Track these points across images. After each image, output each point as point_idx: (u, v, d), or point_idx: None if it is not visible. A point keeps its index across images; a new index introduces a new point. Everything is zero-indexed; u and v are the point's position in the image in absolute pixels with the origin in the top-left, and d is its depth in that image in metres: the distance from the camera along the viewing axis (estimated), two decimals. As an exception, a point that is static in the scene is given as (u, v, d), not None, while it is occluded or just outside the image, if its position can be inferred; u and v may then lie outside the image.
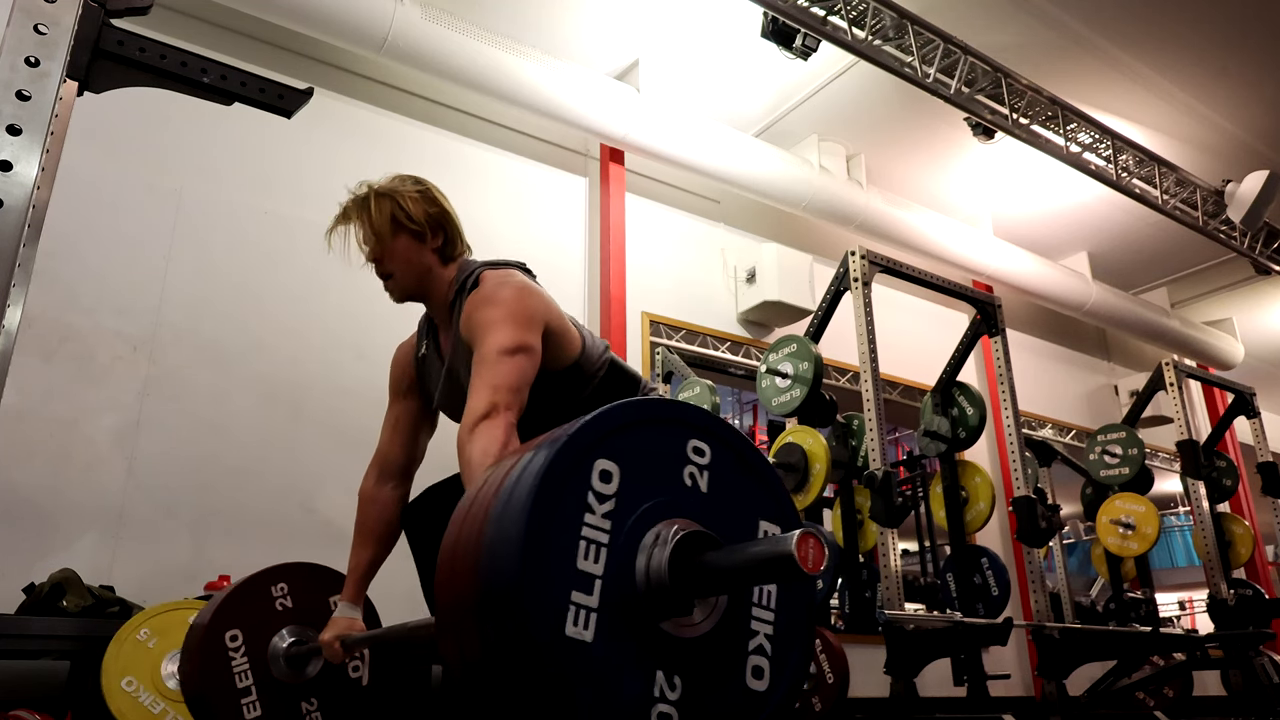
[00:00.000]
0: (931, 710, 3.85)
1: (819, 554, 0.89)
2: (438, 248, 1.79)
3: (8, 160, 1.42)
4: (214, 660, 1.76)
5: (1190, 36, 4.43)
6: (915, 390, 5.68)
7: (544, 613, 0.87)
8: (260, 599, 1.86)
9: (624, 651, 0.92)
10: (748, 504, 1.08)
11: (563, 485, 0.92)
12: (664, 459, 1.01)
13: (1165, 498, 11.05)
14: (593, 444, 0.95)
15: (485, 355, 1.56)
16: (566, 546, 0.91)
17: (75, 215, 3.24)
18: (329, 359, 3.69)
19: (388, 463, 1.98)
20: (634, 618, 0.94)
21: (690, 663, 0.96)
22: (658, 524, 0.97)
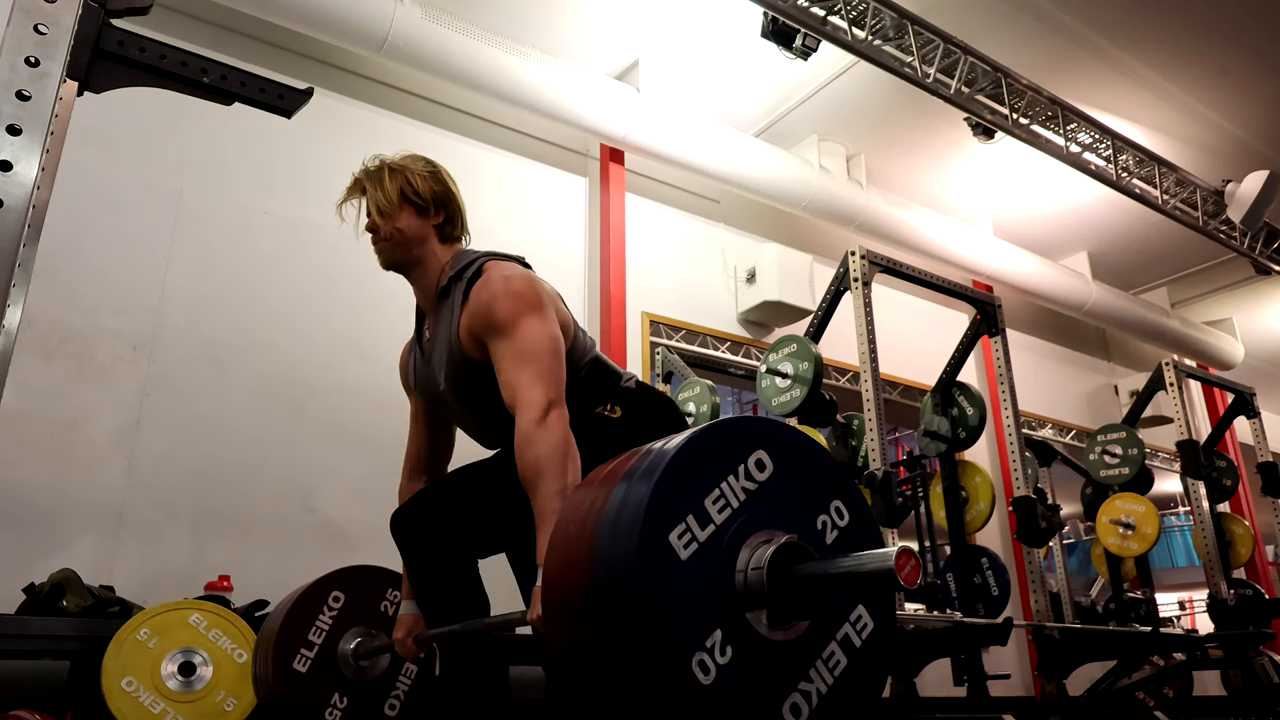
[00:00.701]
0: (931, 710, 3.86)
1: (915, 569, 0.92)
2: (438, 224, 1.83)
3: (8, 160, 1.42)
4: (289, 670, 1.86)
5: (1190, 37, 4.43)
6: (915, 390, 5.68)
7: (656, 592, 0.91)
8: (319, 607, 1.94)
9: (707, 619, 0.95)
10: (816, 496, 1.11)
11: (676, 492, 0.96)
12: (731, 474, 1.04)
13: (1165, 498, 11.05)
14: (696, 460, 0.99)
15: (528, 346, 1.61)
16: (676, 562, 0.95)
17: (75, 215, 3.24)
18: (330, 359, 3.69)
19: (417, 459, 2.02)
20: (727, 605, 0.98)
21: (747, 647, 0.97)
22: (758, 532, 1.01)
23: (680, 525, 0.95)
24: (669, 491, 0.95)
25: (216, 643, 2.34)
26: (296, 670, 1.87)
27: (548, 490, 1.47)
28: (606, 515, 0.97)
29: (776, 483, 1.04)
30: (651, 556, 0.92)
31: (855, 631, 1.08)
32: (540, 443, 1.50)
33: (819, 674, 1.02)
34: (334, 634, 1.94)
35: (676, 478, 0.96)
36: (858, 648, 1.07)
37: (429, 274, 1.83)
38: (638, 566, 0.90)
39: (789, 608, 0.99)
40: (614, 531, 0.94)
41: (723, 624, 0.95)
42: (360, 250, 4.24)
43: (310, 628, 1.91)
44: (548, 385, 1.57)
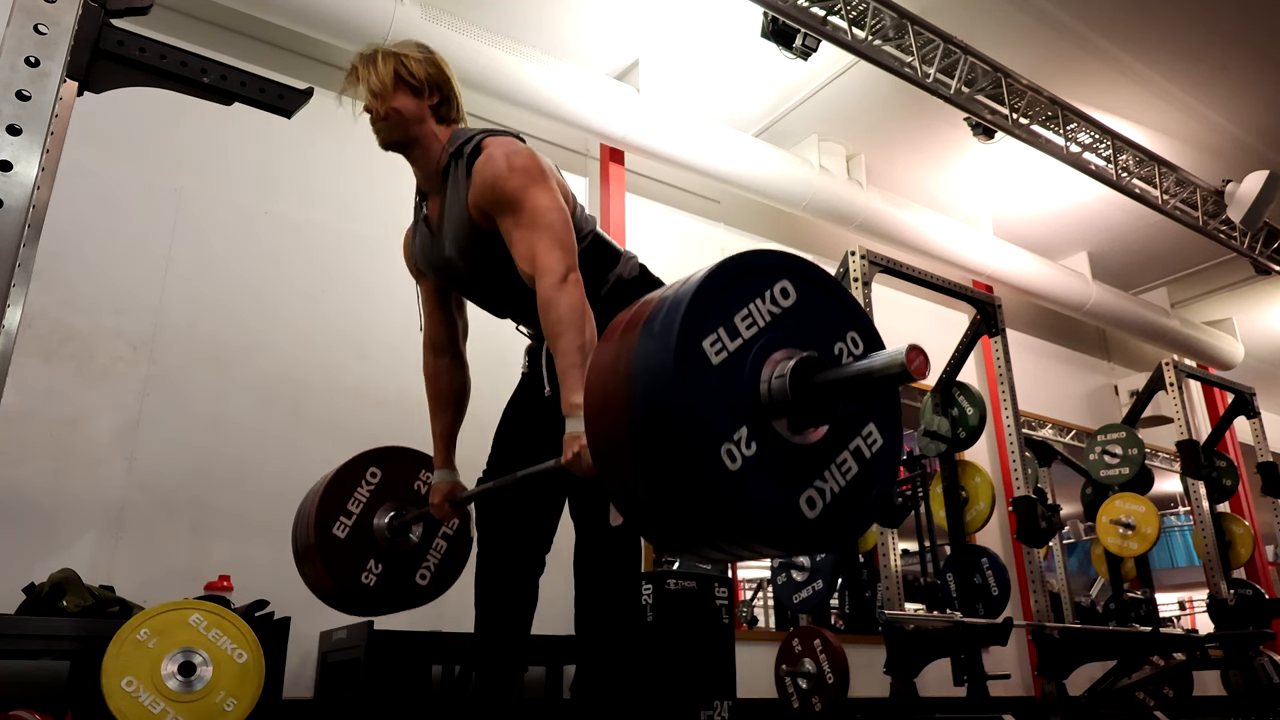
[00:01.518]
0: (931, 710, 3.86)
1: (924, 363, 1.01)
2: (434, 105, 1.89)
3: (8, 160, 1.42)
4: (329, 534, 2.02)
5: (1190, 36, 4.43)
6: (915, 390, 5.68)
7: (688, 389, 1.01)
8: (358, 480, 2.09)
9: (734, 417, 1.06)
10: (834, 325, 1.22)
11: (709, 304, 1.07)
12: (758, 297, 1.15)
13: (1165, 498, 11.05)
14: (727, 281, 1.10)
15: (541, 216, 1.71)
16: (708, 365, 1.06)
17: (75, 215, 3.24)
18: (330, 359, 3.69)
19: (435, 339, 2.11)
20: (752, 407, 1.09)
21: (770, 446, 1.07)
22: (781, 350, 1.12)
23: (712, 335, 1.06)
24: (703, 303, 1.06)
25: (216, 643, 2.34)
26: (336, 535, 2.02)
27: (569, 346, 1.60)
28: (641, 337, 1.08)
29: (799, 310, 1.15)
30: (686, 358, 1.02)
31: (866, 445, 1.19)
32: (561, 304, 1.62)
33: (832, 476, 1.14)
34: (370, 506, 2.08)
35: (709, 293, 1.07)
36: (868, 459, 1.19)
37: (429, 154, 1.89)
38: (674, 367, 1.01)
39: (808, 414, 1.09)
40: (650, 344, 1.05)
41: (748, 423, 1.06)
42: (360, 250, 4.26)
43: (349, 498, 2.06)
44: (564, 251, 1.68)
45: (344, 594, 2.02)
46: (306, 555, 2.06)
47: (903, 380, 1.04)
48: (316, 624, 3.26)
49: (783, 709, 3.57)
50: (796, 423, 1.10)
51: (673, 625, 3.13)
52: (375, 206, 4.02)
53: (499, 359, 2.49)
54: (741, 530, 1.03)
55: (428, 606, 2.12)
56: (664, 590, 3.13)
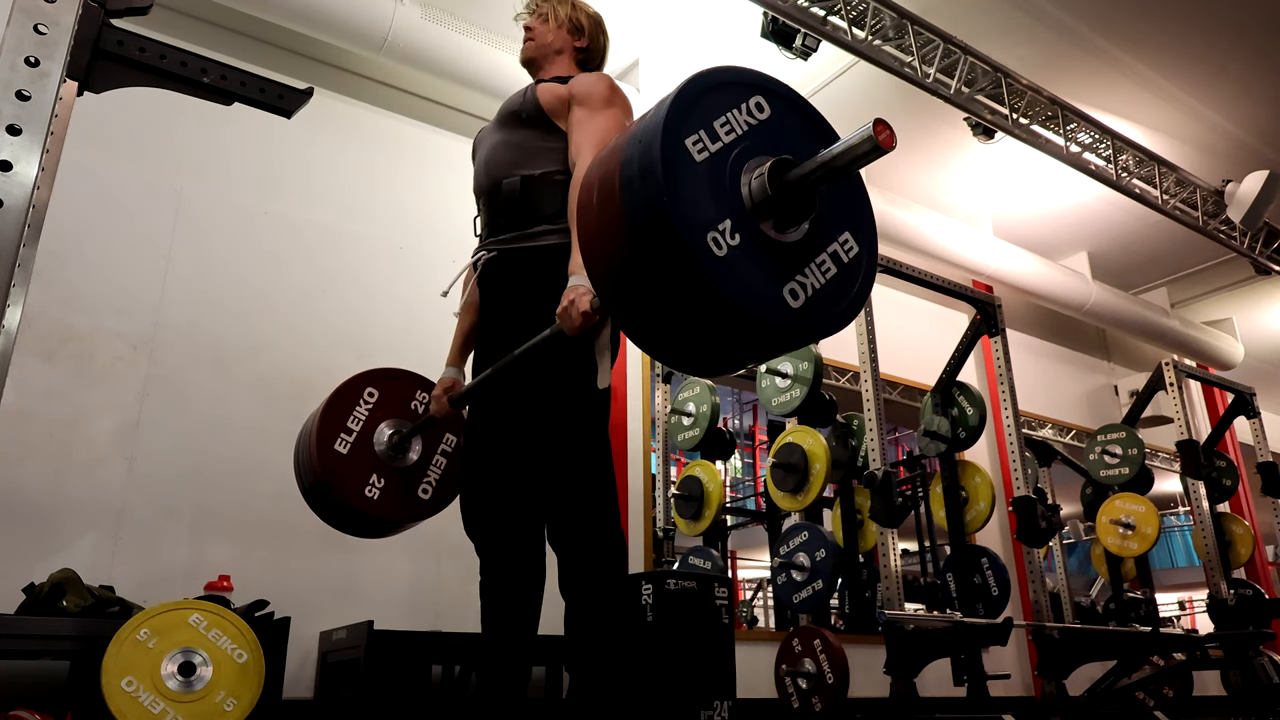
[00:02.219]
0: (931, 710, 3.86)
1: (890, 135, 1.05)
2: (580, 47, 2.22)
3: (8, 160, 1.42)
4: (331, 451, 2.08)
5: (1190, 36, 4.43)
6: (915, 390, 5.68)
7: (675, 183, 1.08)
8: (356, 399, 2.15)
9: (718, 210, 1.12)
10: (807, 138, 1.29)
11: (690, 108, 1.14)
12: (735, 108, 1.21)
13: (1165, 498, 11.05)
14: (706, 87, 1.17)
15: (601, 131, 1.90)
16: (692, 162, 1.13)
17: (75, 215, 3.24)
18: (330, 359, 3.68)
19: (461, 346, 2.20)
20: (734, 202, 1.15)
21: (753, 239, 1.13)
22: (756, 157, 1.18)
23: (694, 135, 1.12)
24: (684, 106, 1.13)
25: (216, 643, 2.34)
26: (338, 451, 2.08)
27: None
28: (629, 137, 1.16)
29: (773, 123, 1.23)
30: (670, 152, 1.09)
31: (843, 250, 1.27)
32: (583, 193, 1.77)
33: (813, 273, 1.21)
34: (370, 423, 2.14)
35: (690, 96, 1.14)
36: (845, 263, 1.26)
37: (550, 77, 2.12)
38: (660, 160, 1.07)
39: (788, 212, 1.16)
40: (638, 143, 1.12)
41: (731, 217, 1.12)
42: (360, 250, 4.25)
43: (349, 416, 2.12)
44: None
45: (350, 511, 2.07)
46: (311, 474, 2.11)
47: (874, 155, 1.08)
48: (316, 624, 3.26)
49: (783, 709, 3.57)
50: (778, 222, 1.16)
51: (673, 625, 3.13)
52: (375, 206, 4.03)
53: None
54: (730, 314, 1.08)
55: (427, 607, 2.13)
56: (664, 590, 3.13)
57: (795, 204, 1.16)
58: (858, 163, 1.11)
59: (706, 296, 1.07)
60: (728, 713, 3.14)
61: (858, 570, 4.74)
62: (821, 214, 1.22)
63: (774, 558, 4.01)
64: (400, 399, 2.20)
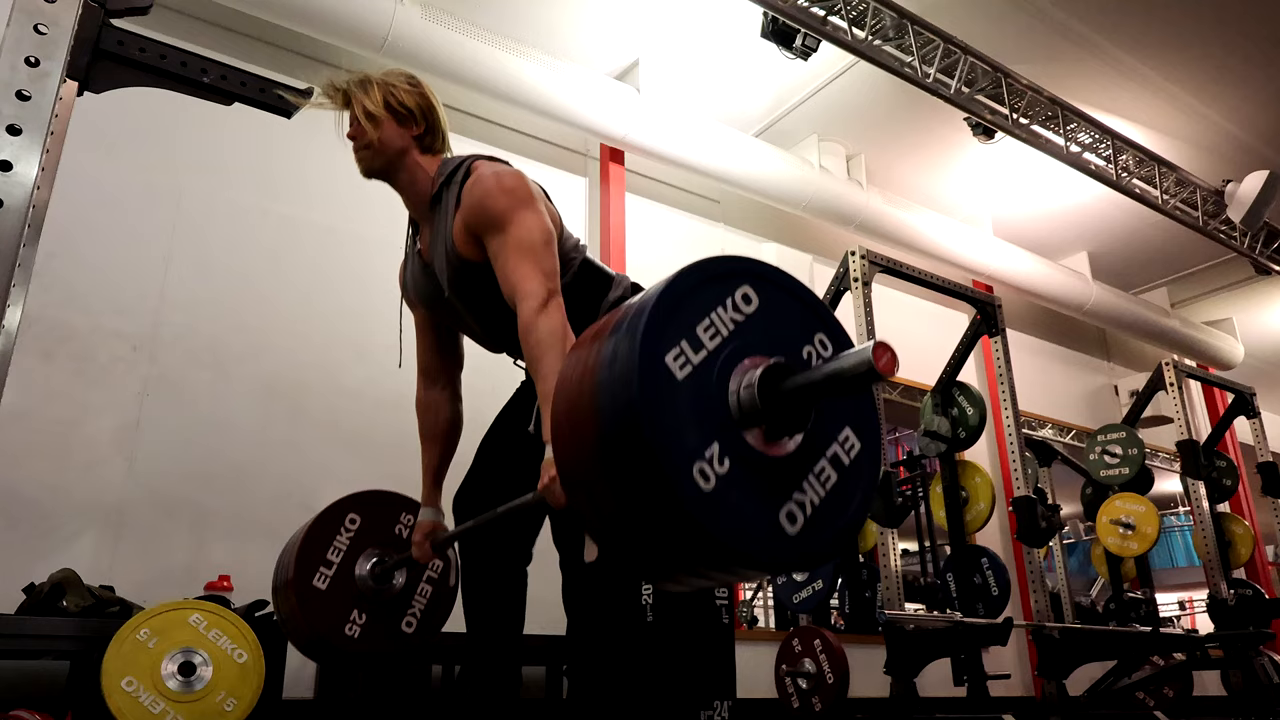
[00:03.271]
0: (931, 710, 3.85)
1: (892, 360, 0.97)
2: (418, 135, 1.88)
3: (8, 160, 1.42)
4: (310, 587, 1.96)
5: (1190, 37, 4.43)
6: (915, 390, 5.68)
7: (656, 409, 0.97)
8: (337, 528, 2.02)
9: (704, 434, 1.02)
10: (800, 328, 1.19)
11: (669, 318, 1.04)
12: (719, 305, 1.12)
13: (1165, 498, 11.05)
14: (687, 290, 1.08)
15: (524, 239, 1.67)
16: (673, 381, 1.03)
17: (75, 215, 3.24)
18: (329, 359, 3.69)
19: (428, 369, 2.07)
20: (722, 422, 1.05)
21: (744, 462, 1.04)
22: (747, 359, 1.08)
23: (675, 349, 1.02)
24: (662, 317, 1.02)
25: (216, 643, 2.34)
26: (317, 587, 1.96)
27: (549, 370, 1.54)
28: (604, 353, 1.04)
29: (763, 315, 1.11)
30: (650, 376, 0.98)
31: (844, 451, 1.15)
32: (541, 328, 1.58)
33: (811, 487, 1.09)
34: (351, 554, 2.02)
35: (667, 307, 1.03)
36: (847, 465, 1.14)
37: (416, 183, 1.88)
38: (638, 387, 0.97)
39: (781, 423, 1.06)
40: (613, 363, 1.01)
41: (719, 439, 1.02)
42: (360, 250, 4.25)
43: (329, 547, 2.00)
44: (546, 276, 1.64)
45: (328, 648, 1.96)
46: (288, 608, 1.99)
47: (872, 380, 1.01)
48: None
49: (783, 709, 3.57)
50: (769, 433, 1.05)
51: (673, 625, 3.13)
52: (374, 206, 4.01)
53: (491, 391, 2.40)
54: (721, 555, 0.98)
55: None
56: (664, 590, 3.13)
57: (788, 415, 1.05)
58: (855, 385, 1.02)
59: (692, 534, 0.97)
60: (728, 713, 3.14)
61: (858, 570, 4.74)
62: (818, 413, 1.12)
63: (774, 558, 4.00)
64: (384, 524, 2.08)
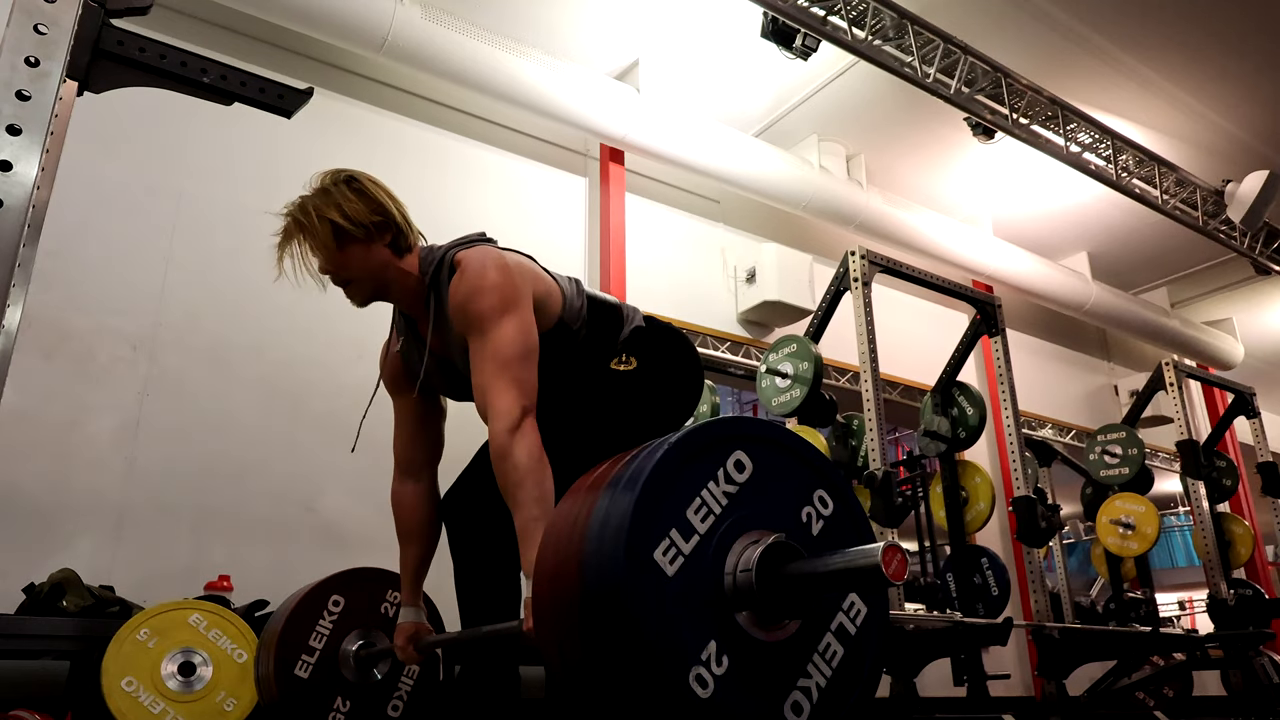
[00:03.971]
0: (931, 710, 3.85)
1: (902, 565, 0.91)
2: (388, 243, 1.74)
3: (8, 160, 1.42)
4: (291, 677, 1.87)
5: (1190, 37, 4.43)
6: (915, 390, 5.67)
7: (646, 612, 0.89)
8: (319, 611, 1.95)
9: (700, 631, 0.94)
10: (799, 488, 1.10)
11: (656, 509, 0.95)
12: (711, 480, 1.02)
13: (1165, 498, 11.05)
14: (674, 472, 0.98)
15: (501, 352, 1.58)
16: (663, 578, 0.94)
17: (75, 215, 3.23)
18: (329, 359, 3.69)
19: (405, 460, 1.97)
20: (733, 628, 0.96)
21: (743, 654, 0.96)
22: (743, 535, 1.00)
23: (664, 541, 0.93)
24: (649, 509, 0.93)
25: (216, 643, 2.34)
26: (299, 676, 1.87)
27: (526, 498, 1.47)
28: (591, 532, 0.96)
29: (757, 481, 1.03)
30: (638, 576, 0.90)
31: (849, 619, 1.07)
32: (517, 452, 1.50)
33: (817, 668, 1.02)
34: (335, 638, 1.94)
35: (655, 494, 0.94)
36: (853, 635, 1.06)
37: (407, 290, 1.78)
38: (626, 588, 0.89)
39: (780, 608, 0.98)
40: (599, 552, 0.93)
41: (716, 634, 0.94)
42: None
43: (311, 633, 1.92)
44: (520, 392, 1.56)
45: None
46: (270, 702, 1.91)
47: (879, 584, 0.93)
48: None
49: (783, 709, 3.56)
50: (768, 617, 0.97)
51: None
52: (375, 206, 4.02)
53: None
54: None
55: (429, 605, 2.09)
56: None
57: (790, 599, 0.98)
58: (860, 583, 0.95)
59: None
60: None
61: (858, 570, 4.73)
62: None
63: (774, 558, 4.00)
64: (369, 604, 2.00)
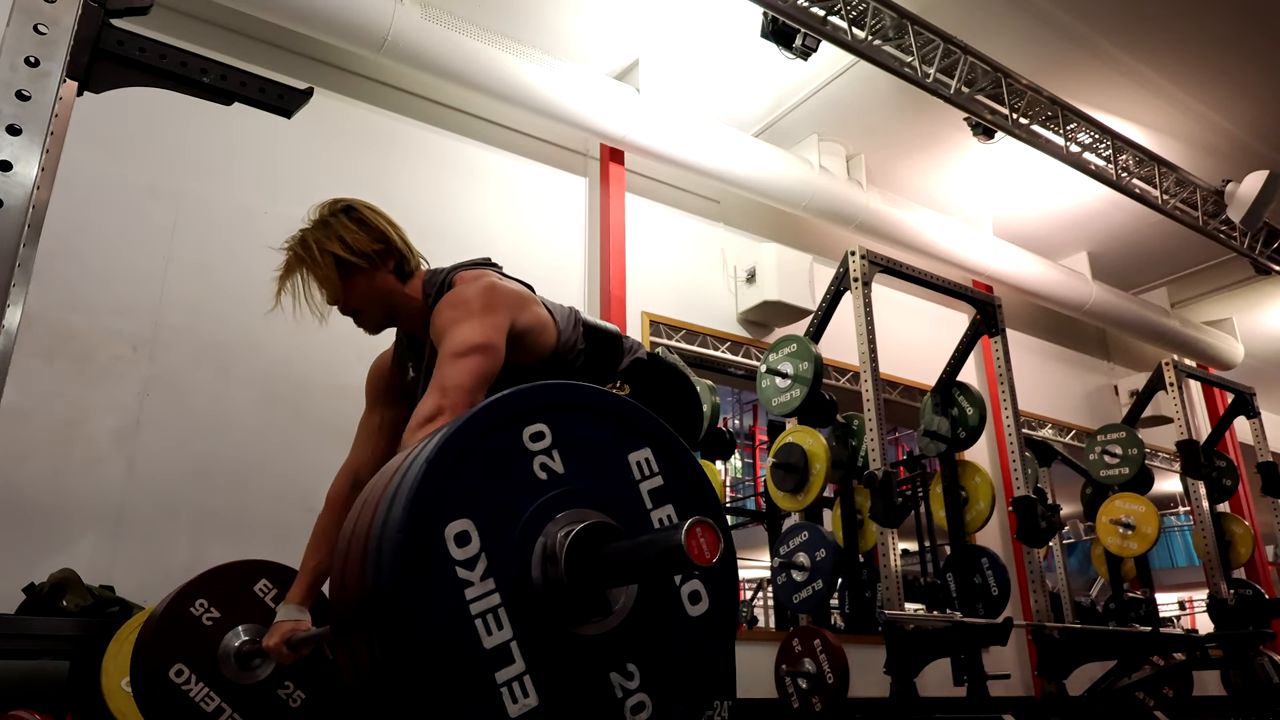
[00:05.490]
0: (931, 710, 3.85)
1: (712, 543, 0.81)
2: (392, 270, 1.77)
3: (8, 160, 1.42)
4: (166, 687, 1.71)
5: (1190, 37, 4.43)
6: (915, 390, 5.67)
7: (433, 617, 0.79)
8: (189, 617, 1.78)
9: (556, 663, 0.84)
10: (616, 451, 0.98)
11: (441, 498, 0.84)
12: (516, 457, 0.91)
13: (1165, 498, 11.04)
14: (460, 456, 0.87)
15: (442, 357, 1.55)
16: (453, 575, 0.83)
17: (75, 215, 3.23)
18: (329, 359, 3.68)
19: (361, 469, 1.92)
20: (546, 624, 0.86)
21: (629, 644, 0.88)
22: (549, 523, 0.89)
23: (455, 530, 0.83)
24: (431, 499, 0.83)
25: (216, 643, 2.33)
26: (181, 689, 1.72)
27: None
28: (374, 533, 0.86)
29: (565, 453, 0.91)
30: (422, 576, 0.80)
31: (691, 605, 0.97)
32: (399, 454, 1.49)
33: (650, 660, 0.91)
34: (210, 643, 1.78)
35: (438, 482, 0.85)
36: (695, 619, 0.96)
37: (413, 314, 1.79)
38: (406, 591, 0.79)
39: (594, 599, 0.88)
40: (380, 549, 0.83)
41: (525, 634, 0.84)
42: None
43: (182, 647, 1.75)
44: (441, 394, 1.50)
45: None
46: None
47: (682, 568, 0.82)
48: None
49: (783, 709, 3.57)
50: (585, 609, 0.88)
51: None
52: (375, 206, 4.02)
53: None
54: None
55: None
56: None
57: (607, 585, 0.88)
58: (664, 570, 0.84)
59: None
60: (728, 713, 3.13)
61: (858, 570, 4.74)
62: None
63: (774, 558, 4.01)
64: (241, 599, 1.83)
